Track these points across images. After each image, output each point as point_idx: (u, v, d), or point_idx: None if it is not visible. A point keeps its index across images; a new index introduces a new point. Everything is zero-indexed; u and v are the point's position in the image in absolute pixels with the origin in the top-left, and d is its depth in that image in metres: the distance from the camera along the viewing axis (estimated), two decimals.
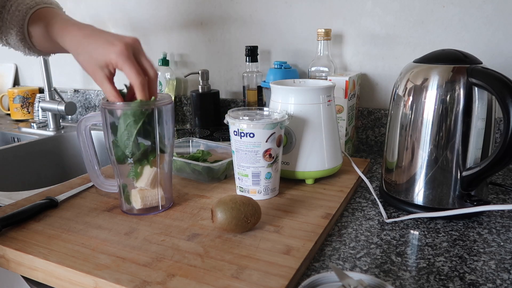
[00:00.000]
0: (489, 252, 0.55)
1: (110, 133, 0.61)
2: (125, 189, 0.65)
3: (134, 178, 0.63)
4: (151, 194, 0.64)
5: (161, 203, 0.65)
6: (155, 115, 0.60)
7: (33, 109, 1.50)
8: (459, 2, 0.90)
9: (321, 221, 0.61)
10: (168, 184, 0.67)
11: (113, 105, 0.60)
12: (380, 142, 1.03)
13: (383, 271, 0.51)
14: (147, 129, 0.61)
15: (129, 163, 0.62)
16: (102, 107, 0.61)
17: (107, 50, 0.58)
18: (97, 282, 0.48)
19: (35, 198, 0.70)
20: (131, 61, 0.58)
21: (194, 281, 0.47)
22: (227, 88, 1.25)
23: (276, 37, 1.13)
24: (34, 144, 1.23)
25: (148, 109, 0.59)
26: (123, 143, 0.61)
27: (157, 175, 0.64)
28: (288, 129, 0.73)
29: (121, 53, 0.57)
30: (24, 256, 0.54)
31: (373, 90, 1.03)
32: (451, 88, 0.60)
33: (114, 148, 0.62)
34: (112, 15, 1.37)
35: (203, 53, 1.26)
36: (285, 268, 0.49)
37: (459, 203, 0.63)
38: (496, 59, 0.89)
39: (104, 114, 0.61)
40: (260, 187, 0.69)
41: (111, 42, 0.58)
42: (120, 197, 0.66)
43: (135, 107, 0.59)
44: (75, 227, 0.60)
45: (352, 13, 1.01)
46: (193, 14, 1.24)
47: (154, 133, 0.61)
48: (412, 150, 0.65)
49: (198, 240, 0.56)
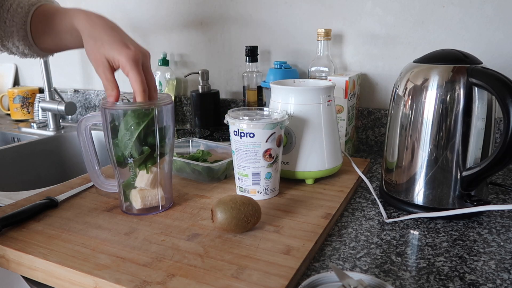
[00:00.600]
0: (489, 252, 0.55)
1: (110, 133, 0.61)
2: (125, 189, 0.65)
3: (134, 178, 0.63)
4: (151, 194, 0.64)
5: (161, 203, 0.65)
6: (155, 115, 0.60)
7: (33, 109, 1.50)
8: (459, 2, 0.90)
9: (321, 221, 0.61)
10: (168, 184, 0.67)
11: (114, 105, 0.60)
12: (380, 142, 1.03)
13: (383, 271, 0.51)
14: (148, 129, 0.61)
15: (129, 163, 0.62)
16: (102, 107, 0.61)
17: (120, 49, 0.59)
18: (97, 282, 0.48)
19: (35, 198, 0.70)
20: (138, 69, 0.59)
21: (194, 281, 0.47)
22: (227, 88, 1.25)
23: (276, 37, 1.13)
24: (34, 144, 1.23)
25: (149, 109, 0.60)
26: (123, 144, 0.61)
27: (157, 175, 0.64)
28: (288, 129, 0.73)
29: (132, 58, 0.58)
30: (24, 256, 0.54)
31: (373, 90, 1.03)
32: (451, 88, 0.60)
33: (114, 148, 0.62)
34: (112, 15, 1.36)
35: (203, 53, 1.26)
36: (285, 268, 0.49)
37: (459, 203, 0.63)
38: (496, 59, 0.89)
39: (104, 114, 0.61)
40: (260, 187, 0.69)
41: (127, 44, 0.59)
42: (120, 197, 0.66)
43: (136, 106, 0.59)
44: (75, 227, 0.60)
45: (352, 13, 1.01)
46: (193, 14, 1.24)
47: (155, 134, 0.61)
48: (412, 150, 0.65)
49: (198, 240, 0.56)
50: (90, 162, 0.68)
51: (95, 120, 0.65)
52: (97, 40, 0.60)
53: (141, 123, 0.60)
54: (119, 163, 0.63)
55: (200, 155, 0.83)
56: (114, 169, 0.64)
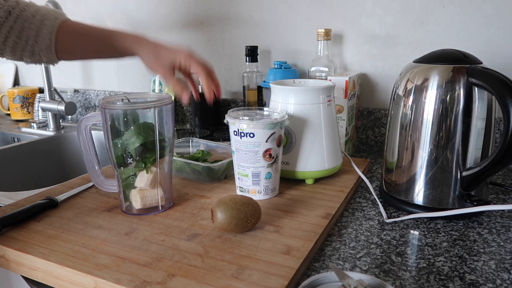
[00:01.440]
0: (489, 252, 0.55)
1: (110, 133, 0.61)
2: (125, 189, 0.65)
3: (133, 178, 0.63)
4: (150, 194, 0.64)
5: (161, 203, 0.65)
6: (154, 115, 0.61)
7: (33, 109, 1.50)
8: (459, 2, 0.90)
9: (321, 221, 0.61)
10: (168, 184, 0.67)
11: (114, 105, 0.60)
12: (380, 142, 1.03)
13: (383, 271, 0.51)
14: (147, 129, 0.61)
15: (129, 163, 0.62)
16: (102, 107, 0.61)
17: (176, 53, 0.71)
18: (97, 282, 0.48)
19: (35, 198, 0.70)
20: (196, 59, 0.71)
21: (194, 281, 0.47)
22: (227, 88, 1.25)
23: (276, 37, 1.13)
24: (34, 144, 1.23)
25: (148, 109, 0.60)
26: (123, 144, 0.61)
27: (156, 175, 0.64)
28: (288, 129, 0.73)
29: (188, 54, 0.71)
30: (24, 256, 0.54)
31: (373, 90, 1.03)
32: (451, 88, 0.60)
33: (114, 148, 0.62)
34: (112, 15, 1.37)
35: (203, 53, 1.26)
36: (285, 268, 0.49)
37: (459, 203, 0.63)
38: (496, 59, 0.89)
39: (104, 114, 0.61)
40: (260, 187, 0.69)
41: (177, 48, 0.72)
42: (120, 197, 0.66)
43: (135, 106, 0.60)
44: (75, 227, 0.60)
45: (352, 13, 1.01)
46: (193, 14, 1.24)
47: (154, 134, 0.61)
48: (412, 150, 0.65)
49: (198, 240, 0.56)
50: (90, 162, 0.68)
51: (95, 120, 0.65)
52: (155, 56, 0.72)
53: (140, 123, 0.60)
54: (119, 163, 0.63)
55: (200, 155, 0.83)
56: (114, 169, 0.64)
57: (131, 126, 0.60)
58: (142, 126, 0.61)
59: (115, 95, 0.64)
